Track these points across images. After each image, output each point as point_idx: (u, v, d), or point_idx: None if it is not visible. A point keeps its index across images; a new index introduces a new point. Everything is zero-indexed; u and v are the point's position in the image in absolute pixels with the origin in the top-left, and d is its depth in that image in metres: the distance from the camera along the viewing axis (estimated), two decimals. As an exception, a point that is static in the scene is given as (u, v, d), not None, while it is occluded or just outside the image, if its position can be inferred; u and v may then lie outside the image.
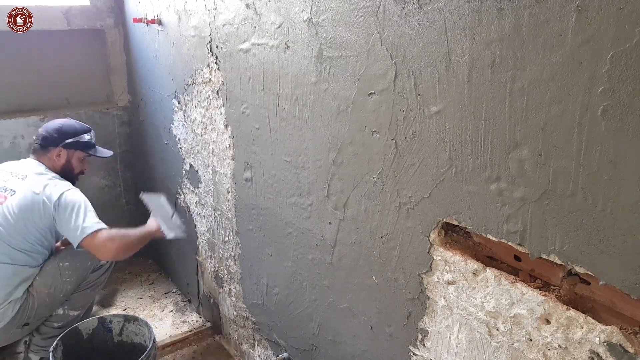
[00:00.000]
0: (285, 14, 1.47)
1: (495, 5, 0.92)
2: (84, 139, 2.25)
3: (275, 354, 2.01)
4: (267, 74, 1.62)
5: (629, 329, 0.88)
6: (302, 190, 1.60)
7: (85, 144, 2.25)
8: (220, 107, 1.96)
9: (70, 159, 2.22)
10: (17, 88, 2.73)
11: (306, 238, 1.64)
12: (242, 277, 2.13)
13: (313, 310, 1.71)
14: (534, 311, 0.99)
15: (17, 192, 2.02)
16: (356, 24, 1.23)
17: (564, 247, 0.91)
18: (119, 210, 3.11)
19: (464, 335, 1.15)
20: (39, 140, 2.20)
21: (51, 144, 2.18)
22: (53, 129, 2.20)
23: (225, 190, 2.09)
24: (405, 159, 1.19)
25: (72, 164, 2.24)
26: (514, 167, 0.96)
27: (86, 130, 2.27)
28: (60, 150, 2.18)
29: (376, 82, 1.22)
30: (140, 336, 2.12)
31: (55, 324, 2.16)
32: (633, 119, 0.77)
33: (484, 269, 1.08)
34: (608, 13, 0.77)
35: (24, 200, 2.00)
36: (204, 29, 1.95)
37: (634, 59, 0.75)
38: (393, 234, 1.29)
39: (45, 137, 2.19)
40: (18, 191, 2.02)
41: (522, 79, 0.91)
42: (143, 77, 2.70)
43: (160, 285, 2.99)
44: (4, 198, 2.01)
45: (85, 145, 2.25)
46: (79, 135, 2.23)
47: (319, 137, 1.46)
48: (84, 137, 2.25)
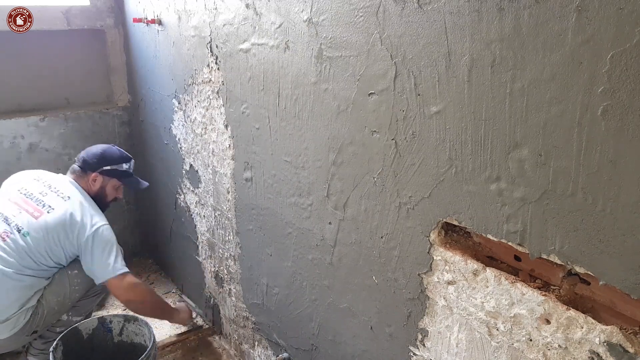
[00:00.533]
0: (285, 14, 1.47)
1: (495, 5, 0.92)
2: (122, 168, 2.28)
3: (275, 354, 2.01)
4: (267, 74, 1.62)
5: (629, 329, 0.88)
6: (302, 190, 1.60)
7: (122, 173, 2.29)
8: (220, 107, 1.96)
9: (105, 185, 2.26)
10: (17, 88, 2.73)
11: (306, 238, 1.64)
12: (242, 277, 2.13)
13: (313, 310, 1.71)
14: (534, 311, 0.99)
15: (56, 210, 2.04)
16: (356, 24, 1.23)
17: (564, 247, 0.91)
18: (119, 210, 3.11)
19: (464, 335, 1.16)
20: (80, 162, 2.25)
21: (89, 168, 2.22)
22: (94, 154, 2.25)
23: (225, 190, 2.09)
24: (405, 159, 1.19)
25: (106, 191, 2.27)
26: (514, 167, 0.96)
27: (126, 160, 2.30)
28: (97, 176, 2.22)
29: (376, 82, 1.22)
30: (140, 336, 2.12)
31: (57, 329, 2.17)
32: (633, 119, 0.77)
33: (484, 269, 1.08)
34: (608, 13, 0.77)
35: (61, 221, 2.02)
36: (204, 29, 1.95)
37: (634, 59, 0.75)
38: (393, 234, 1.29)
39: (86, 160, 2.23)
40: (57, 210, 2.04)
41: (522, 79, 0.91)
42: (143, 77, 2.70)
43: (160, 285, 2.99)
44: (40, 213, 2.03)
45: (122, 175, 2.29)
46: (117, 164, 2.27)
47: (319, 137, 1.46)
48: (122, 167, 2.28)
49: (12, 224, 2.00)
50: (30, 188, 2.12)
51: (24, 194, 2.09)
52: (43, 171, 2.26)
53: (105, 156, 2.25)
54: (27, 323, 2.01)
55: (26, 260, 1.98)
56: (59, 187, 2.14)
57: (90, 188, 2.23)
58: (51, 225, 2.01)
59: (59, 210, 2.05)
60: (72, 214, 2.04)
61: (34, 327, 2.06)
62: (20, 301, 1.98)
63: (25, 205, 2.05)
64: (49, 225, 2.01)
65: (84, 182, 2.22)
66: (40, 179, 2.17)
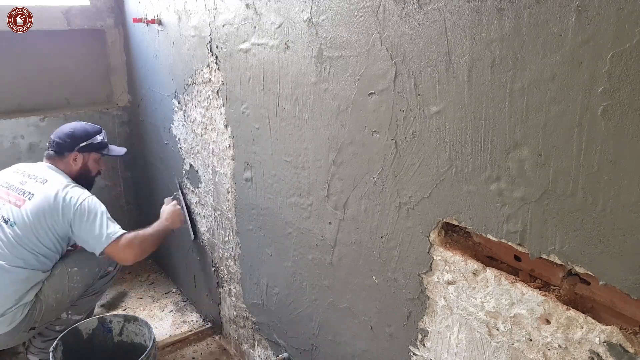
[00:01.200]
0: (285, 14, 1.47)
1: (495, 5, 0.92)
2: (97, 140, 2.28)
3: (275, 354, 2.01)
4: (267, 74, 1.62)
5: (629, 329, 0.88)
6: (302, 190, 1.60)
7: (98, 145, 2.29)
8: (220, 107, 1.96)
9: (86, 162, 2.26)
10: (17, 88, 2.73)
11: (306, 238, 1.64)
12: (242, 277, 2.13)
13: (313, 310, 1.71)
14: (534, 311, 0.99)
15: (35, 195, 2.04)
16: (356, 24, 1.23)
17: (564, 247, 0.91)
18: (119, 210, 3.11)
19: (464, 335, 1.16)
20: (53, 146, 2.23)
21: (66, 149, 2.21)
22: (65, 134, 2.23)
23: (225, 190, 2.09)
24: (405, 159, 1.19)
25: (89, 167, 2.28)
26: (514, 167, 0.96)
27: (98, 132, 2.31)
28: (76, 154, 2.22)
29: (376, 82, 1.22)
30: (140, 336, 2.12)
31: (57, 328, 2.17)
32: (633, 119, 0.77)
33: (484, 269, 1.08)
34: (608, 13, 0.77)
35: (42, 204, 2.01)
36: (204, 29, 1.95)
37: (634, 59, 0.75)
38: (393, 234, 1.29)
39: (59, 143, 2.22)
40: (37, 194, 2.04)
41: (522, 79, 0.91)
42: (143, 77, 2.70)
43: (160, 285, 2.99)
44: (22, 201, 2.03)
45: (99, 147, 2.29)
46: (91, 138, 2.26)
47: (319, 137, 1.46)
48: (96, 139, 2.28)
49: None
50: (10, 180, 2.12)
51: (6, 187, 2.10)
52: (22, 163, 2.26)
53: (77, 133, 2.24)
54: (25, 318, 2.01)
55: (18, 249, 1.97)
56: (37, 174, 2.13)
57: (72, 168, 2.22)
58: (34, 210, 2.00)
59: (39, 194, 2.04)
60: (52, 195, 2.03)
61: (32, 323, 2.05)
62: (17, 295, 1.97)
63: (7, 197, 2.05)
64: (32, 210, 2.00)
65: (62, 164, 2.21)
66: (19, 170, 2.18)
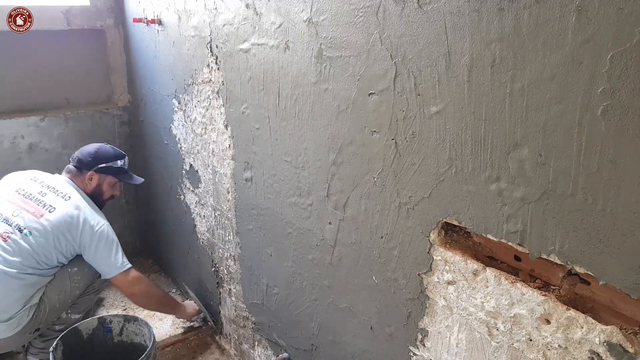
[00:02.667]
0: (285, 14, 1.47)
1: (495, 5, 0.92)
2: (117, 164, 2.31)
3: (275, 354, 2.01)
4: (267, 74, 1.62)
5: (629, 329, 0.88)
6: (302, 190, 1.60)
7: (117, 170, 2.31)
8: (220, 107, 1.96)
9: (101, 183, 2.29)
10: (17, 88, 2.73)
11: (306, 238, 1.64)
12: (242, 277, 2.13)
13: (313, 310, 1.71)
14: (534, 311, 0.99)
15: (57, 209, 2.06)
16: (356, 24, 1.23)
17: (564, 247, 0.91)
18: (119, 210, 3.11)
19: (464, 335, 1.16)
20: (74, 162, 2.27)
21: (85, 167, 2.25)
22: (88, 152, 2.27)
23: (225, 190, 2.09)
24: (405, 159, 1.19)
25: (103, 189, 2.30)
26: (514, 167, 0.96)
27: (120, 157, 2.33)
28: (93, 174, 2.25)
29: (376, 82, 1.22)
30: (140, 336, 2.12)
31: (57, 327, 2.18)
32: (633, 119, 0.77)
33: (484, 269, 1.08)
34: (608, 13, 0.77)
35: (62, 220, 2.04)
36: (204, 29, 1.95)
37: (634, 59, 0.75)
38: (393, 234, 1.29)
39: (80, 159, 2.26)
40: (59, 209, 2.07)
41: (522, 79, 0.91)
42: (143, 77, 2.70)
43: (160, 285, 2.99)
44: (41, 213, 2.05)
45: (117, 171, 2.32)
46: (111, 161, 2.29)
47: (319, 137, 1.46)
48: (116, 163, 2.31)
49: (13, 224, 2.00)
50: (29, 188, 2.13)
51: (23, 195, 2.10)
52: (38, 171, 2.27)
53: (100, 154, 2.27)
54: (30, 321, 2.02)
55: (29, 260, 1.98)
56: (58, 187, 2.16)
57: (87, 187, 2.25)
58: (55, 224, 2.03)
59: (61, 209, 2.06)
60: (75, 214, 2.07)
61: (37, 325, 2.06)
62: (24, 299, 1.99)
63: (25, 205, 2.06)
64: (53, 224, 2.03)
65: (79, 181, 2.24)
66: (37, 179, 2.18)
